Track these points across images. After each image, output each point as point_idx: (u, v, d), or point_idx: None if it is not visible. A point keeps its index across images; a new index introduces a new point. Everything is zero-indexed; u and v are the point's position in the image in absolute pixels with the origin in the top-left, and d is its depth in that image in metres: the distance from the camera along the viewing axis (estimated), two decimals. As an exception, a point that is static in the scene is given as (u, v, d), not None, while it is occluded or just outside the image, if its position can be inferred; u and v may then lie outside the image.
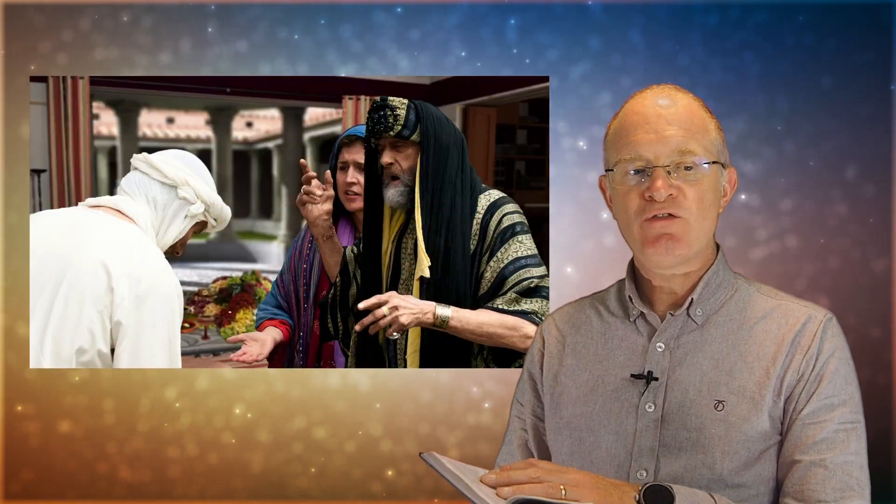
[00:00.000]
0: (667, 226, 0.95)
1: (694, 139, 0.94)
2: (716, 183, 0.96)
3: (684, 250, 0.96)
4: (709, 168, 0.95)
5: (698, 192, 0.94)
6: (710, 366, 0.97)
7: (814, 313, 0.97)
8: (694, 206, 0.95)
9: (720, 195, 0.98)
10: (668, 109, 0.96)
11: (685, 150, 0.94)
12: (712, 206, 0.96)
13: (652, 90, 0.99)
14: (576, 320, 1.11)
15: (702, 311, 1.00)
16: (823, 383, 0.92)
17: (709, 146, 0.96)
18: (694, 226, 0.95)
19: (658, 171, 0.94)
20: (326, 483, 2.41)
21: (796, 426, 0.92)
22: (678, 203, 0.94)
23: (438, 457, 0.87)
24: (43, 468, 2.35)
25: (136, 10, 2.33)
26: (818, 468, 0.90)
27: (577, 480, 0.85)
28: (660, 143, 0.94)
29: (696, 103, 0.98)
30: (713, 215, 0.97)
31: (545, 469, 0.86)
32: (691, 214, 0.95)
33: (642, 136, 0.95)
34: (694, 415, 0.95)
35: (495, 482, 0.85)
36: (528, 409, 1.13)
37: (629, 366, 1.01)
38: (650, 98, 0.98)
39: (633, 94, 1.00)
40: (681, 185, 0.94)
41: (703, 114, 0.98)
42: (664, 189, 0.93)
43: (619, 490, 0.86)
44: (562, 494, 0.83)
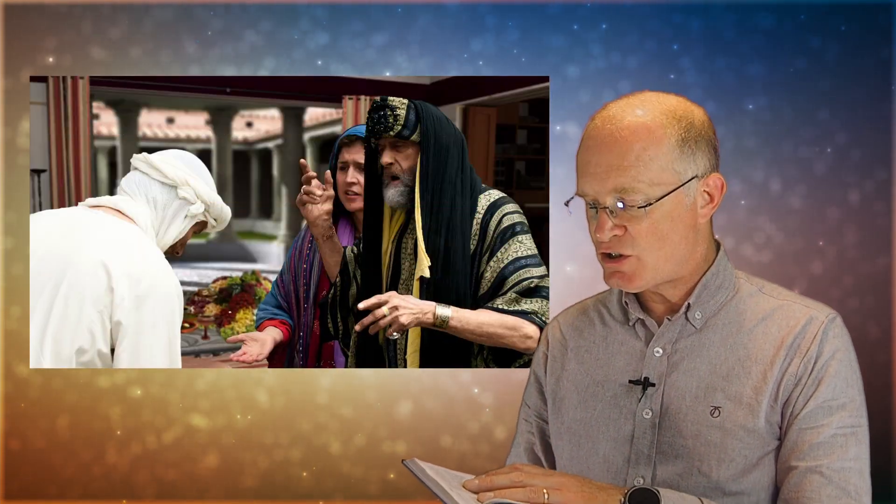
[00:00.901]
0: (617, 266, 0.94)
1: (633, 177, 0.89)
2: (675, 207, 0.91)
3: (639, 283, 0.94)
4: (655, 204, 0.90)
5: (649, 226, 0.91)
6: (707, 371, 0.95)
7: (816, 314, 0.93)
8: (643, 242, 0.92)
9: (688, 212, 0.92)
10: (610, 140, 0.91)
11: (621, 195, 0.90)
12: (672, 231, 0.92)
13: (610, 108, 0.94)
14: (579, 323, 1.10)
15: (700, 314, 0.97)
16: (822, 386, 0.90)
17: (657, 176, 0.89)
18: (648, 259, 0.92)
19: (601, 214, 0.92)
20: (326, 483, 2.41)
21: (793, 431, 0.90)
22: (623, 242, 0.92)
23: (420, 463, 0.87)
24: (43, 468, 2.35)
25: (136, 10, 2.33)
26: (814, 475, 0.88)
27: (560, 483, 0.84)
28: (598, 183, 0.91)
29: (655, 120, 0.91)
30: (677, 239, 0.93)
31: (528, 473, 0.85)
32: (641, 250, 0.92)
33: (585, 176, 0.93)
34: (690, 421, 0.94)
35: (477, 487, 0.85)
36: (534, 412, 1.13)
37: (628, 371, 1.00)
38: (601, 122, 0.93)
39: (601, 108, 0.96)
40: (626, 223, 0.91)
41: (658, 133, 0.90)
42: (607, 231, 0.92)
43: (604, 493, 0.85)
44: (544, 498, 0.82)
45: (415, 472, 0.86)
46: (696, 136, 0.92)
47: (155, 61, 2.35)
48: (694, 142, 0.92)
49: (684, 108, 0.93)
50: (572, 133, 2.31)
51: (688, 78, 2.26)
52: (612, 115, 0.93)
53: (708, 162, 0.94)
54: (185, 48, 2.34)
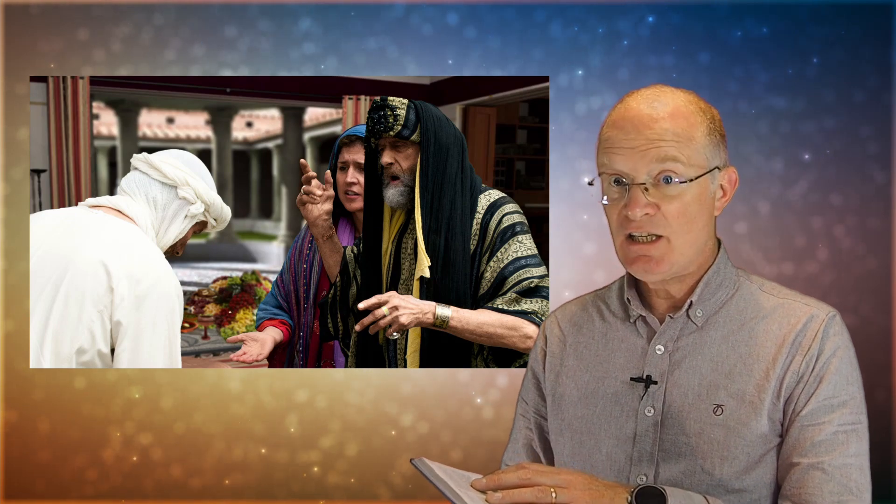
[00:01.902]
0: (646, 249, 0.93)
1: (676, 151, 0.90)
2: (702, 192, 0.92)
3: (665, 269, 0.94)
4: (692, 183, 0.91)
5: (680, 207, 0.91)
6: (709, 368, 0.95)
7: (816, 312, 0.94)
8: (675, 223, 0.92)
9: (711, 201, 0.94)
10: (648, 118, 0.91)
11: (664, 166, 0.90)
12: (698, 216, 0.93)
13: (638, 94, 0.95)
14: (578, 319, 1.09)
15: (702, 311, 0.98)
16: (823, 384, 0.90)
17: (693, 156, 0.91)
18: (676, 242, 0.92)
19: (634, 190, 0.91)
20: (326, 484, 2.41)
21: (795, 428, 0.91)
22: (656, 222, 0.92)
23: (428, 462, 0.87)
24: (43, 468, 2.35)
25: (136, 10, 2.33)
26: (816, 471, 0.88)
27: (568, 481, 0.84)
28: (637, 157, 0.91)
29: (687, 106, 0.93)
30: (701, 225, 0.94)
31: (535, 471, 0.85)
32: (672, 231, 0.92)
33: (620, 150, 0.92)
34: (692, 419, 0.94)
35: (485, 486, 0.85)
36: (532, 408, 1.13)
37: (629, 368, 1.00)
38: (635, 103, 0.94)
39: (625, 94, 0.97)
40: (659, 202, 0.91)
41: (692, 119, 0.92)
42: (640, 209, 0.91)
43: (611, 491, 0.85)
44: (552, 497, 0.82)
45: (423, 472, 0.86)
46: (717, 129, 0.95)
47: (155, 61, 2.35)
48: (717, 134, 0.95)
49: (704, 102, 0.96)
50: (572, 133, 2.31)
51: (687, 78, 2.26)
52: (645, 97, 0.94)
53: (725, 155, 0.96)
54: (186, 48, 2.35)
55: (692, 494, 0.88)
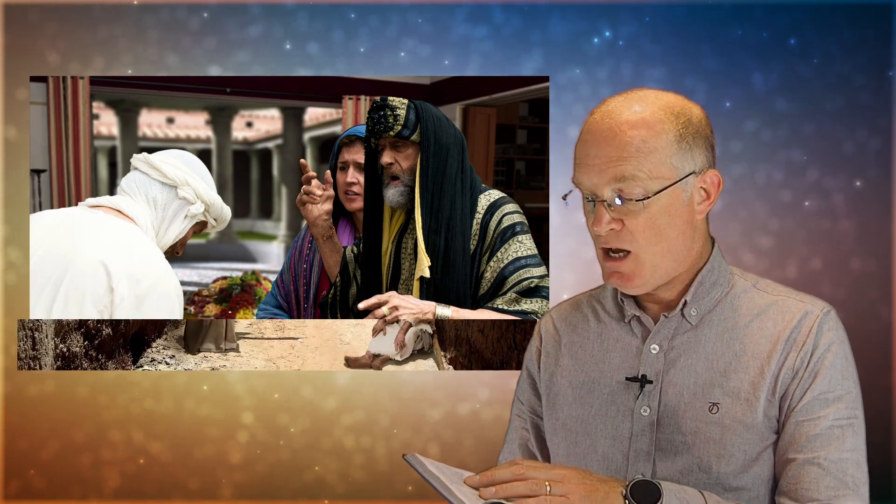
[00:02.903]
0: (617, 265, 0.94)
1: (634, 168, 0.89)
2: (672, 202, 0.91)
3: (638, 283, 0.94)
4: (653, 198, 0.90)
5: (646, 221, 0.90)
6: (704, 367, 0.95)
7: (811, 308, 0.94)
8: (641, 237, 0.91)
9: (685, 208, 0.92)
10: (609, 133, 0.90)
11: (620, 185, 0.90)
12: (669, 227, 0.92)
13: (606, 104, 0.94)
14: (573, 319, 1.10)
15: (696, 310, 0.98)
16: (818, 379, 0.91)
17: (656, 168, 0.89)
18: (645, 256, 0.92)
19: (598, 207, 0.92)
20: (326, 483, 2.41)
21: (790, 423, 0.91)
22: (622, 237, 0.92)
23: (421, 458, 0.87)
24: (43, 468, 2.35)
25: (136, 11, 2.33)
26: (812, 466, 0.88)
27: (562, 476, 0.84)
28: (596, 175, 0.91)
29: (654, 114, 0.91)
30: (674, 234, 0.92)
31: (529, 466, 0.85)
32: (639, 247, 0.92)
33: (583, 168, 0.92)
34: (688, 418, 0.94)
35: (478, 483, 0.85)
36: (528, 408, 1.13)
37: (624, 368, 1.00)
38: (600, 116, 0.93)
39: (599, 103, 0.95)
40: (623, 217, 0.91)
41: (657, 127, 0.90)
42: (604, 225, 0.91)
43: (605, 485, 0.85)
44: (546, 490, 0.82)
45: (416, 468, 0.86)
46: (693, 133, 0.92)
47: (155, 61, 2.35)
48: (692, 138, 0.92)
49: (682, 105, 0.93)
50: (572, 133, 2.31)
51: (687, 78, 2.26)
52: (611, 109, 0.93)
53: (705, 158, 0.94)
54: (186, 48, 2.35)
55: (686, 489, 0.88)
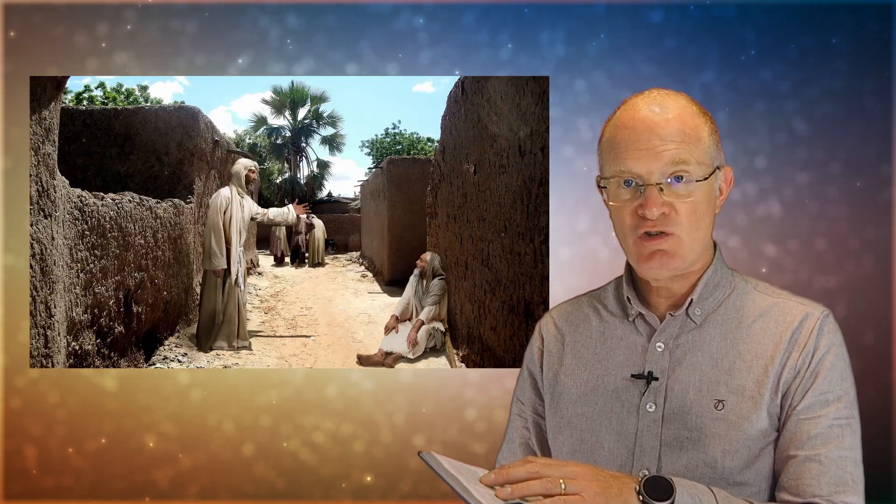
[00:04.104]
0: (660, 243, 0.96)
1: (686, 153, 0.94)
2: (709, 191, 0.97)
3: (679, 263, 0.97)
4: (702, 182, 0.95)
5: (691, 206, 0.95)
6: (709, 365, 0.98)
7: (811, 310, 0.97)
8: (686, 221, 0.95)
9: (714, 200, 0.98)
10: (660, 121, 0.95)
11: (677, 167, 0.94)
12: (706, 214, 0.97)
13: (644, 97, 0.98)
14: (574, 318, 1.11)
15: (701, 310, 1.00)
16: (819, 379, 0.93)
17: (702, 156, 0.95)
18: (686, 239, 0.96)
19: (650, 190, 0.94)
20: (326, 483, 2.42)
21: (792, 421, 0.93)
22: (670, 220, 0.95)
23: (437, 457, 0.87)
24: (43, 468, 2.35)
25: (136, 11, 2.34)
26: (813, 463, 0.91)
27: (576, 473, 0.85)
28: (651, 159, 0.94)
29: (690, 108, 0.97)
30: (707, 223, 0.98)
31: (543, 464, 0.86)
32: (683, 230, 0.95)
33: (634, 153, 0.95)
34: (694, 414, 0.96)
35: (493, 481, 0.85)
36: (529, 408, 1.13)
37: (629, 365, 1.02)
38: (642, 108, 0.96)
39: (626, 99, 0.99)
40: (673, 201, 0.94)
41: (696, 120, 0.96)
42: (656, 208, 0.94)
43: (618, 481, 0.86)
44: (561, 488, 0.83)
45: (431, 465, 0.87)
46: (716, 131, 0.99)
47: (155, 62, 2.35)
48: (716, 135, 0.98)
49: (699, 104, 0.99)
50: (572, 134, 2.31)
51: (687, 78, 2.26)
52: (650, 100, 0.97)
53: (722, 156, 1.00)
54: (186, 48, 2.35)
55: (697, 485, 0.90)
